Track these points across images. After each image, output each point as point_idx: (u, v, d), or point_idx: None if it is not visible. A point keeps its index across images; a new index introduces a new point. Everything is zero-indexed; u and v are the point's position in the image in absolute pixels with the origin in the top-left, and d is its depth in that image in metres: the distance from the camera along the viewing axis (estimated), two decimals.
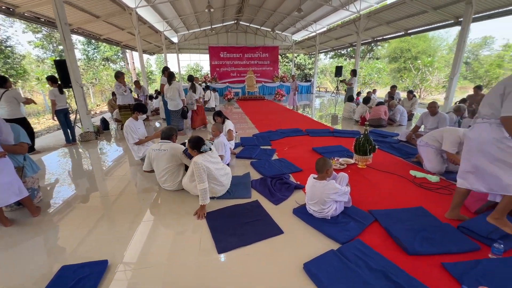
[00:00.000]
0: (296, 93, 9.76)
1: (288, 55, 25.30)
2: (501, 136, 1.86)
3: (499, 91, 1.84)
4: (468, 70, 16.73)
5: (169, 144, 2.87)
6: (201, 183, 2.32)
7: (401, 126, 6.38)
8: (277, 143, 4.82)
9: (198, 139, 2.50)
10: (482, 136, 1.94)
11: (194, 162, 2.34)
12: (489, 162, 1.92)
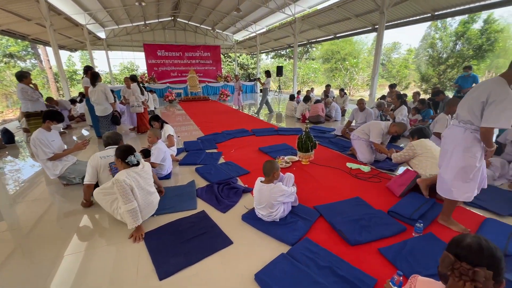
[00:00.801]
0: (240, 93, 9.76)
1: (230, 55, 25.25)
2: (472, 145, 1.84)
3: (481, 97, 1.72)
4: (384, 71, 19.59)
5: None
6: (127, 203, 1.97)
7: (336, 121, 7.01)
8: (224, 146, 4.68)
9: (127, 147, 2.14)
10: (455, 139, 1.93)
11: (115, 180, 1.96)
12: (446, 165, 1.98)
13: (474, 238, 0.87)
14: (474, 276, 0.80)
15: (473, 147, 1.85)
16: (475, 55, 12.07)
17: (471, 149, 1.85)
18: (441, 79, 13.02)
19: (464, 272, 0.82)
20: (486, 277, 0.79)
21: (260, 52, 20.29)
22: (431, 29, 14.29)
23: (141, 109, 5.68)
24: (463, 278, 0.82)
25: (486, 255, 0.82)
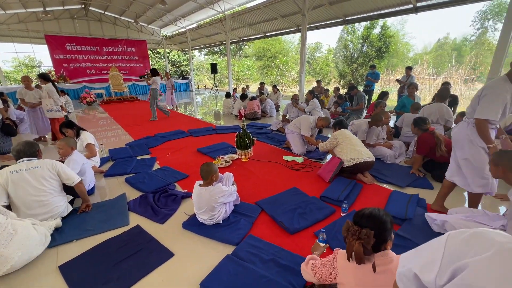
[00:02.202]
0: (173, 92, 9.17)
1: (159, 51, 23.45)
2: (474, 137, 1.96)
3: (479, 93, 1.91)
4: (310, 68, 21.61)
5: (39, 160, 2.16)
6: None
7: (272, 117, 7.37)
8: (158, 150, 4.32)
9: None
10: (460, 132, 2.06)
11: None
12: (461, 158, 2.06)
13: (370, 209, 1.08)
14: (359, 235, 1.01)
15: (476, 139, 1.96)
16: (377, 56, 14.55)
17: (474, 141, 1.97)
18: (355, 75, 15.22)
19: (354, 232, 1.03)
20: (368, 235, 1.00)
21: (192, 49, 19.52)
22: (344, 32, 16.46)
23: (61, 114, 4.71)
24: (353, 237, 1.02)
25: (372, 220, 1.04)
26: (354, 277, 1.06)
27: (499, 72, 4.84)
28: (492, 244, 0.48)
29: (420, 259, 0.59)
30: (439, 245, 0.56)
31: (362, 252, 1.00)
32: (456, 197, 2.67)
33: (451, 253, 0.52)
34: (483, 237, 0.50)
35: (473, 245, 0.50)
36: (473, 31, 21.53)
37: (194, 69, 25.90)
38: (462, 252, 0.51)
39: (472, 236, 0.51)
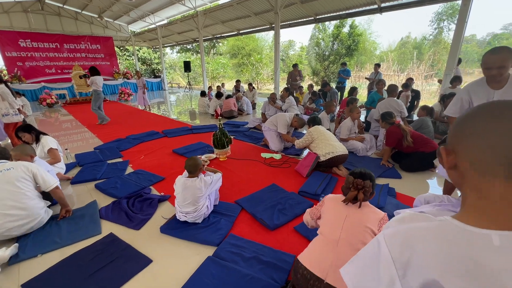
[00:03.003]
0: (145, 91, 8.76)
1: (128, 48, 22.26)
2: None
3: None
4: (284, 65, 21.94)
5: (11, 162, 2.04)
6: None
7: (249, 115, 7.37)
8: (130, 153, 4.12)
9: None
10: None
11: None
12: None
13: (360, 169, 1.42)
14: (365, 185, 1.31)
15: None
16: (347, 53, 15.20)
17: None
18: (327, 72, 15.76)
19: (359, 184, 1.32)
20: (369, 186, 1.33)
21: (163, 46, 18.83)
22: (316, 30, 16.93)
23: (19, 118, 4.26)
24: (358, 188, 1.32)
25: (368, 175, 1.37)
26: (334, 214, 1.37)
27: (454, 68, 5.30)
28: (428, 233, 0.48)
29: (372, 283, 0.51)
30: (386, 261, 0.50)
31: (363, 199, 1.32)
32: (420, 184, 2.89)
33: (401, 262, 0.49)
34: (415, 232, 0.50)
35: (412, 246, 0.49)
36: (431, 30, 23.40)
37: (167, 67, 25.03)
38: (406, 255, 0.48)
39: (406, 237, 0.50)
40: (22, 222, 1.95)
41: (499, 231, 0.44)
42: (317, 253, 1.30)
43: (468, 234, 0.46)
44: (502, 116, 0.46)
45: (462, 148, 0.50)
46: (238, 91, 8.26)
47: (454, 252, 0.45)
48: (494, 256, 0.43)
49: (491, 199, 0.47)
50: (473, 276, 0.43)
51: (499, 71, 1.79)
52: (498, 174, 0.45)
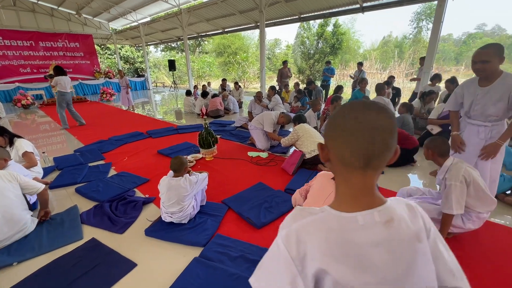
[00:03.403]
0: (129, 91, 8.48)
1: (109, 46, 21.52)
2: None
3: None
4: (270, 64, 21.99)
5: None
6: None
7: (235, 113, 7.34)
8: (113, 155, 3.99)
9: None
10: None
11: None
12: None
13: None
14: None
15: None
16: (331, 52, 15.46)
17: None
18: (312, 71, 15.96)
19: None
20: None
21: (147, 44, 18.35)
22: (301, 29, 17.08)
23: None
24: None
25: None
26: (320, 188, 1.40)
27: (431, 66, 5.52)
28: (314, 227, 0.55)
29: (279, 284, 0.54)
30: (286, 261, 0.53)
31: None
32: (402, 178, 3.01)
33: (299, 259, 0.52)
34: (304, 228, 0.55)
35: (303, 241, 0.53)
36: (411, 30, 24.23)
37: (151, 66, 24.40)
38: (302, 251, 0.52)
39: (298, 235, 0.54)
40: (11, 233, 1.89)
41: (361, 211, 0.53)
42: None
43: (341, 219, 0.53)
44: (349, 116, 0.53)
45: (330, 144, 0.56)
46: (224, 90, 8.21)
47: (333, 238, 0.52)
48: (360, 233, 0.52)
49: (354, 187, 0.55)
50: (349, 256, 0.51)
51: (482, 65, 1.86)
52: (356, 165, 0.53)
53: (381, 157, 0.53)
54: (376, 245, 0.52)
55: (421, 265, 0.54)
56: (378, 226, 0.53)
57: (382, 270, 0.51)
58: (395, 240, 0.53)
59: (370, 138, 0.51)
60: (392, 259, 0.52)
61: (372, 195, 0.55)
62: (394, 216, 0.54)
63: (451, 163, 1.74)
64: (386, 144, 0.52)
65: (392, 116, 0.54)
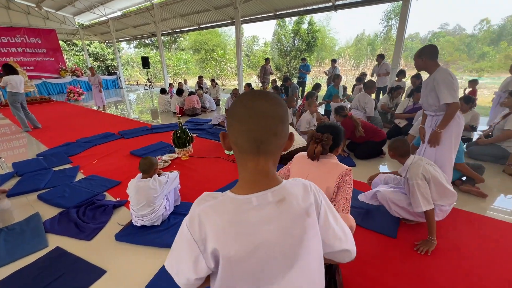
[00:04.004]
0: (102, 89, 7.95)
1: (76, 42, 20.18)
2: None
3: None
4: (249, 61, 21.93)
5: None
6: None
7: (213, 111, 7.24)
8: (81, 157, 3.77)
9: None
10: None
11: None
12: None
13: (329, 122, 1.40)
14: (323, 138, 1.27)
15: None
16: (306, 49, 15.75)
17: None
18: (289, 68, 16.17)
19: (318, 137, 1.28)
20: (328, 138, 1.26)
21: (118, 41, 17.49)
22: (277, 26, 17.19)
23: None
24: (317, 141, 1.28)
25: (331, 128, 1.33)
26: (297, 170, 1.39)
27: (398, 63, 5.83)
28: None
29: (185, 264, 0.59)
30: (189, 242, 0.58)
31: (320, 152, 1.27)
32: (372, 170, 3.16)
33: (201, 240, 0.57)
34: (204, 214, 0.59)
35: (204, 224, 0.58)
36: (382, 28, 25.38)
37: (123, 63, 23.30)
38: (204, 233, 0.57)
39: (200, 218, 0.58)
40: None
41: (255, 193, 0.58)
42: None
43: (237, 201, 0.58)
44: (241, 104, 0.58)
45: (229, 132, 0.61)
46: (201, 88, 8.06)
47: (228, 219, 0.57)
48: (254, 213, 0.57)
49: (250, 171, 0.59)
50: (243, 234, 0.56)
51: (416, 65, 2.24)
52: (248, 151, 0.58)
53: (269, 142, 0.58)
54: (268, 223, 0.57)
55: (311, 237, 0.61)
56: (271, 205, 0.58)
57: (274, 245, 0.58)
58: (286, 217, 0.58)
59: (257, 124, 0.56)
60: (283, 234, 0.58)
61: (267, 177, 0.60)
62: (286, 195, 0.60)
63: (411, 162, 1.84)
64: (272, 130, 0.57)
65: (279, 104, 0.59)
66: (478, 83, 5.34)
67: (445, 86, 2.06)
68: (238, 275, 0.58)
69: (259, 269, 0.58)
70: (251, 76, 20.44)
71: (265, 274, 0.59)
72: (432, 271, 1.64)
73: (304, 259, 0.61)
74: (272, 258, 0.58)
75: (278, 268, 0.59)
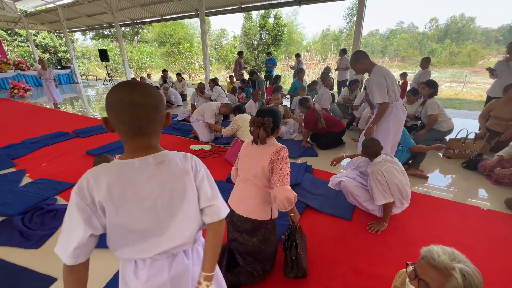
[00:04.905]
0: (56, 85, 7.09)
1: (20, 32, 17.94)
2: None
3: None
4: (217, 55, 21.48)
5: None
6: None
7: (179, 106, 7.01)
8: (27, 160, 3.41)
9: None
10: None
11: None
12: None
13: (266, 107, 1.45)
14: (264, 121, 1.32)
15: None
16: (273, 43, 15.87)
17: None
18: (257, 62, 16.19)
19: (259, 121, 1.33)
20: (268, 121, 1.33)
21: (70, 31, 15.90)
22: (245, 20, 17.02)
23: None
24: (259, 125, 1.33)
25: (269, 112, 1.38)
26: (243, 155, 1.47)
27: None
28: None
29: (77, 229, 0.64)
30: (78, 207, 0.64)
31: (265, 135, 1.33)
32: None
33: (91, 202, 0.66)
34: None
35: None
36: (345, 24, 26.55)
37: (78, 56, 21.37)
38: (93, 194, 0.66)
39: (88, 182, 0.67)
40: None
41: (138, 158, 0.70)
42: (234, 191, 1.53)
43: (121, 165, 0.69)
44: (114, 96, 0.66)
45: (110, 118, 0.68)
46: (166, 82, 7.73)
47: (113, 180, 0.66)
48: (136, 173, 0.69)
49: (132, 146, 0.70)
50: (126, 191, 0.67)
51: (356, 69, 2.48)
52: (129, 134, 0.69)
53: (147, 126, 0.69)
54: (150, 180, 0.70)
55: (190, 192, 0.76)
56: (152, 166, 0.71)
57: (156, 198, 0.71)
58: (165, 175, 0.72)
59: (132, 115, 0.65)
60: (163, 189, 0.72)
61: (149, 148, 0.72)
62: (166, 158, 0.74)
63: (379, 161, 1.94)
64: (147, 117, 0.68)
65: (151, 95, 0.68)
66: (407, 75, 6.39)
67: (376, 87, 2.32)
68: (127, 228, 0.69)
69: (145, 220, 0.70)
70: (220, 71, 20.08)
71: (151, 223, 0.71)
72: (382, 248, 1.81)
73: (185, 210, 0.75)
74: (155, 206, 0.71)
75: (161, 218, 0.72)
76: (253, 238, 1.45)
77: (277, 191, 1.27)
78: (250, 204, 1.40)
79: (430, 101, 3.54)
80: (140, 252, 0.72)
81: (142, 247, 0.72)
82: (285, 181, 1.29)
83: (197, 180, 0.79)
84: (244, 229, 1.44)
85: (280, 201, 1.26)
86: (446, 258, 0.82)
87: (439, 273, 0.81)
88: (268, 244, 1.46)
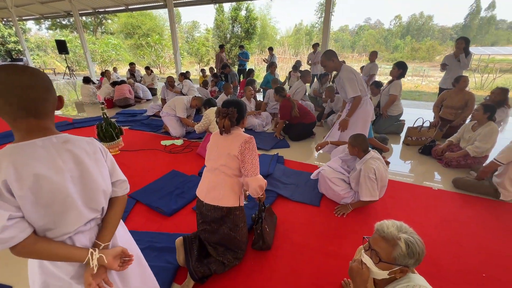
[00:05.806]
0: None
1: None
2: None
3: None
4: (189, 48, 20.76)
5: None
6: None
7: (149, 101, 6.71)
8: None
9: None
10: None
11: None
12: None
13: (231, 98, 1.48)
14: (228, 112, 1.38)
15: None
16: (246, 37, 15.73)
17: None
18: (230, 55, 15.96)
19: (223, 112, 1.39)
20: (233, 111, 1.38)
21: (21, 19, 14.31)
22: (216, 12, 16.61)
23: None
24: (223, 116, 1.39)
25: (234, 103, 1.43)
26: (210, 146, 1.51)
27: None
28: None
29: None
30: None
31: (230, 125, 1.39)
32: (304, 150, 3.45)
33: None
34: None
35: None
36: (317, 19, 27.14)
37: (32, 47, 19.40)
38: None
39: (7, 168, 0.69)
40: None
41: (39, 138, 0.71)
42: (201, 182, 1.55)
43: (23, 146, 0.69)
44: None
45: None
46: (133, 76, 7.34)
47: (18, 161, 0.66)
48: (42, 150, 0.70)
49: (24, 129, 0.70)
50: (34, 167, 0.67)
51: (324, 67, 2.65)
52: (22, 117, 0.69)
53: (39, 106, 0.70)
54: (59, 155, 0.73)
55: (102, 165, 0.85)
56: (57, 145, 0.74)
57: (68, 170, 0.74)
58: (74, 151, 0.76)
59: (21, 95, 0.66)
60: (74, 163, 0.76)
61: (47, 130, 0.74)
62: (70, 138, 0.78)
63: (370, 157, 1.99)
64: (39, 98, 0.69)
65: (37, 75, 0.70)
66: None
67: (348, 83, 2.52)
68: (38, 204, 0.69)
69: (55, 196, 0.71)
70: (193, 64, 19.48)
71: (64, 198, 0.73)
72: (347, 229, 1.93)
73: (97, 182, 0.81)
74: (70, 178, 0.74)
75: (72, 193, 0.74)
76: (223, 226, 1.47)
77: (250, 181, 1.39)
78: (219, 192, 1.43)
79: (396, 81, 3.81)
80: (64, 227, 0.75)
81: (63, 222, 0.75)
82: (257, 171, 1.41)
83: (107, 161, 0.88)
84: (213, 218, 1.46)
85: (253, 189, 1.41)
86: (394, 230, 0.92)
87: (387, 243, 0.90)
88: (238, 231, 1.49)
